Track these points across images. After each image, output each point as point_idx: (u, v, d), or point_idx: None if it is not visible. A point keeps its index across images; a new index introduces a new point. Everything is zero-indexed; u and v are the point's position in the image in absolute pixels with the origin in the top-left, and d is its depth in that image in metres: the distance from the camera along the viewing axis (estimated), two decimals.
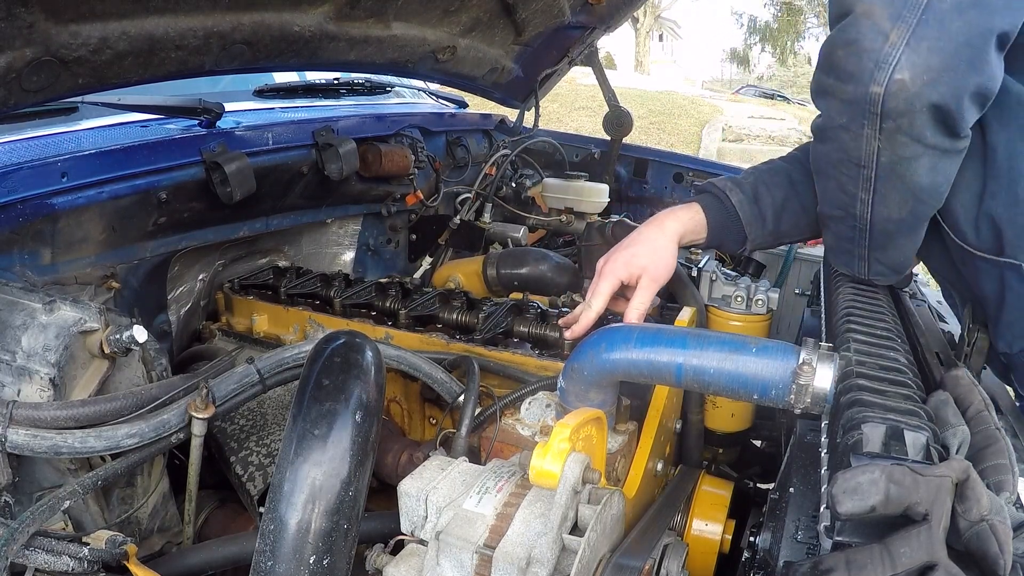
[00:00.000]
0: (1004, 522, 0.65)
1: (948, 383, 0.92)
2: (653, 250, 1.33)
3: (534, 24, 2.14)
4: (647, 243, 1.34)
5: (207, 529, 1.35)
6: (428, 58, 2.01)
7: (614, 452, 1.16)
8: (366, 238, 2.23)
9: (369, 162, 2.02)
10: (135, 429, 1.04)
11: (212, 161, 1.57)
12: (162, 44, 1.33)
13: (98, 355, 1.08)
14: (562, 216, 2.47)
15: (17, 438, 0.97)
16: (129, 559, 0.94)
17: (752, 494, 1.62)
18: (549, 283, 1.88)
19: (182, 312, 1.74)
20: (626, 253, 1.34)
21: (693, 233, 1.38)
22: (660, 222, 1.37)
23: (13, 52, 1.12)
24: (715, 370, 0.96)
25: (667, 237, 1.34)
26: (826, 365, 0.91)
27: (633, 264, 1.32)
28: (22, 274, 1.30)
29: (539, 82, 2.56)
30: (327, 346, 1.01)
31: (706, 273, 1.69)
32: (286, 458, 0.89)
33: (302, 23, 1.56)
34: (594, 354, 1.06)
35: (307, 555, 0.84)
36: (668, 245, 1.34)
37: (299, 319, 1.64)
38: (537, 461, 0.80)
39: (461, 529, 0.82)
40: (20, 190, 1.28)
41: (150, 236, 1.56)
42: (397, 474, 1.27)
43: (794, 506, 0.94)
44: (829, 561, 0.69)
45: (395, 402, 1.48)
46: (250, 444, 1.37)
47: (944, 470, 0.67)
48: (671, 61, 35.14)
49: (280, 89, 2.25)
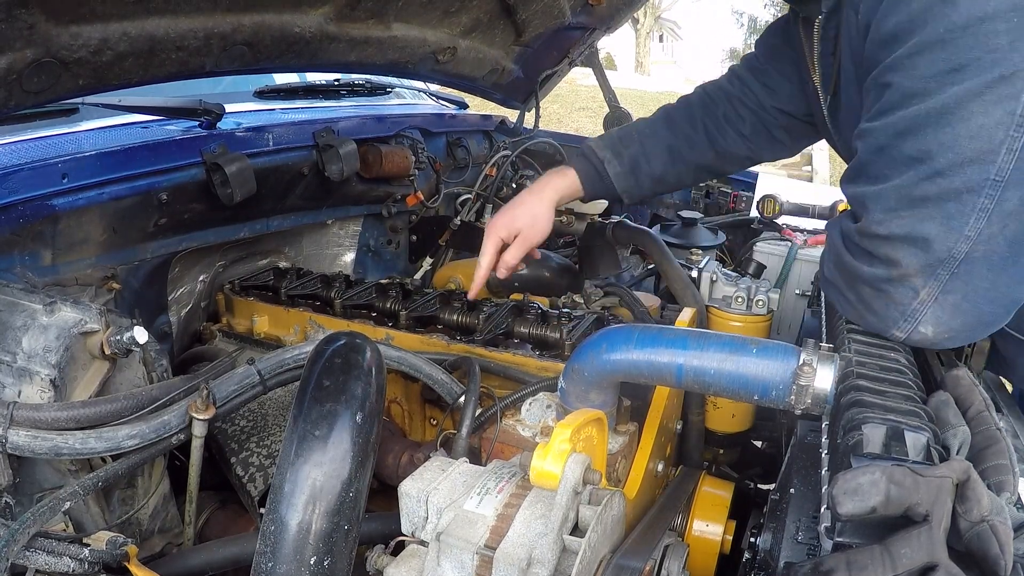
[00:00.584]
0: (1005, 522, 0.65)
1: (948, 383, 0.92)
2: (531, 215, 1.56)
3: (534, 25, 2.14)
4: (526, 208, 1.57)
5: (208, 530, 1.35)
6: (428, 59, 2.02)
7: (615, 453, 1.16)
8: (367, 239, 2.23)
9: (370, 163, 2.02)
10: (136, 430, 1.04)
11: (213, 162, 1.57)
12: (163, 45, 1.33)
13: (99, 356, 1.08)
14: (562, 217, 2.47)
15: (18, 439, 0.97)
16: (130, 560, 0.94)
17: (753, 495, 1.62)
18: (549, 284, 1.88)
19: (183, 313, 1.74)
20: (507, 216, 1.56)
21: (569, 196, 1.63)
22: (540, 189, 1.60)
23: (13, 53, 1.12)
24: (715, 371, 0.96)
25: (544, 204, 1.58)
26: (826, 366, 0.91)
27: (512, 226, 1.55)
28: (23, 275, 1.30)
29: (539, 83, 2.55)
30: (328, 347, 1.01)
31: (706, 274, 1.69)
32: (287, 459, 0.89)
33: (302, 24, 1.56)
34: (595, 355, 1.06)
35: (308, 556, 0.84)
36: (544, 212, 1.57)
37: (300, 320, 1.64)
38: (538, 462, 0.80)
39: (462, 530, 0.82)
40: (21, 191, 1.28)
41: (151, 237, 1.56)
42: (398, 475, 1.27)
43: (795, 507, 0.93)
44: (830, 562, 0.69)
45: (396, 403, 1.48)
46: (251, 445, 1.37)
47: (945, 471, 0.67)
48: (671, 62, 35.10)
49: (281, 90, 2.25)
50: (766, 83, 1.56)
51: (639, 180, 1.62)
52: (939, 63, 0.90)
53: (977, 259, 0.91)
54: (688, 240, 2.23)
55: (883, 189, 0.97)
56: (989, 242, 0.90)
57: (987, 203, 0.88)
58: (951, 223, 0.90)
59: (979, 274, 0.91)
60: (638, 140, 1.63)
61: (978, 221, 0.89)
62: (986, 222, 0.89)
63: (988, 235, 0.89)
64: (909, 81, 0.94)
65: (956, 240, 0.90)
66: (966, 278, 0.92)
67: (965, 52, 0.88)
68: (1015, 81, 0.86)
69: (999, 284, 0.92)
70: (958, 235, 0.90)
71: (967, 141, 0.88)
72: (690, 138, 1.61)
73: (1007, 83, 0.86)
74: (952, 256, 0.91)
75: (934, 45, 0.91)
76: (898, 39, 0.95)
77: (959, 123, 0.89)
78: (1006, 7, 0.86)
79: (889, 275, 0.96)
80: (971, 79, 0.88)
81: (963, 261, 0.91)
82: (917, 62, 0.93)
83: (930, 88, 0.91)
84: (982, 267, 0.91)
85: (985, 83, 0.87)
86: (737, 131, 1.60)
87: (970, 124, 0.88)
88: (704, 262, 1.75)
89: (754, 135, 1.61)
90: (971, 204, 0.89)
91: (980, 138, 0.87)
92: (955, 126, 0.89)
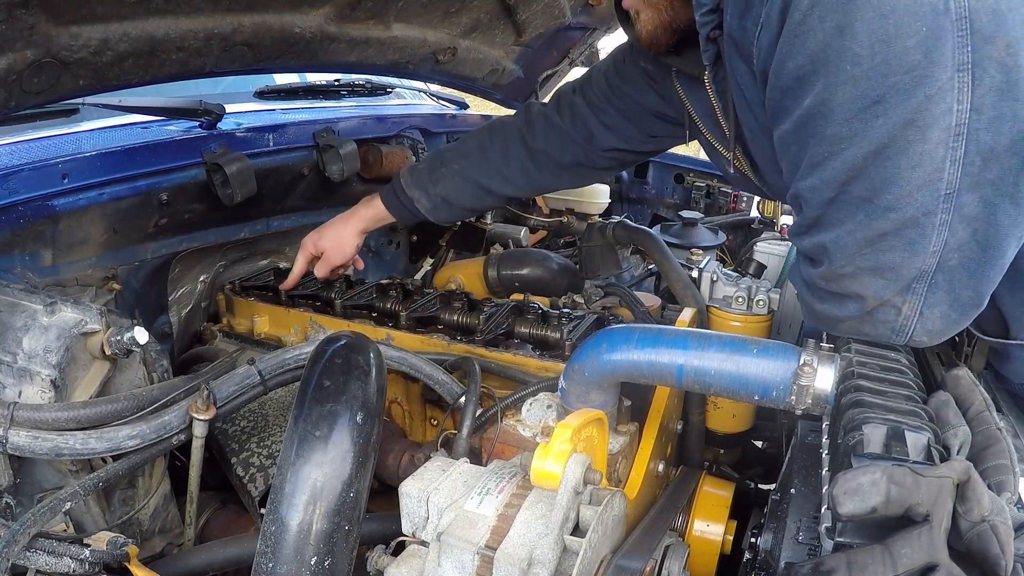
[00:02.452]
0: (1005, 522, 0.65)
1: (949, 383, 0.92)
2: (336, 238, 1.70)
3: (535, 25, 2.14)
4: (333, 231, 1.71)
5: (208, 530, 1.35)
6: (429, 59, 2.02)
7: (615, 453, 1.16)
8: (367, 239, 2.23)
9: (370, 163, 2.03)
10: (136, 431, 1.04)
11: (213, 163, 1.57)
12: (163, 46, 1.33)
13: (99, 357, 1.08)
14: (563, 217, 2.47)
15: (18, 440, 0.97)
16: (130, 560, 0.94)
17: (753, 495, 1.62)
18: (550, 284, 1.88)
19: (183, 313, 1.74)
20: (315, 236, 1.71)
21: (379, 223, 1.75)
22: (348, 217, 1.73)
23: (14, 54, 1.12)
24: (716, 371, 0.96)
25: (348, 230, 1.71)
26: (827, 366, 0.91)
27: (318, 245, 1.70)
28: (23, 276, 1.30)
29: (540, 83, 2.56)
30: (328, 347, 1.01)
31: (707, 274, 1.69)
32: (287, 459, 0.89)
33: (303, 24, 1.56)
34: (595, 355, 1.06)
35: (308, 556, 0.84)
36: (349, 237, 1.71)
37: (300, 320, 1.64)
38: (538, 462, 0.80)
39: (462, 530, 0.82)
40: (21, 191, 1.28)
41: (151, 238, 1.56)
42: (398, 475, 1.27)
43: (795, 507, 0.93)
44: (830, 562, 0.69)
45: (396, 403, 1.48)
46: (251, 445, 1.37)
47: (945, 471, 0.67)
48: None
49: (281, 90, 2.25)
50: (604, 122, 1.56)
51: (451, 211, 1.71)
52: (856, 101, 0.86)
53: (953, 267, 0.89)
54: (688, 240, 2.24)
55: (841, 234, 0.94)
56: (961, 249, 0.88)
57: (944, 216, 0.86)
58: (914, 247, 0.88)
59: (960, 281, 0.90)
60: (448, 177, 1.65)
61: (940, 235, 0.87)
62: (949, 232, 0.87)
63: (958, 243, 0.87)
64: (832, 128, 0.89)
65: (923, 259, 0.88)
66: (947, 287, 0.90)
67: (880, 82, 0.83)
68: (943, 96, 0.81)
69: (981, 285, 0.91)
70: (924, 254, 0.88)
71: (910, 172, 0.85)
72: (503, 174, 1.64)
73: (935, 101, 0.82)
74: (923, 272, 0.89)
75: (844, 84, 0.86)
76: (804, 83, 0.90)
77: (898, 155, 0.85)
78: (908, 19, 0.80)
79: (864, 308, 0.95)
80: (895, 107, 0.83)
81: (937, 271, 0.89)
82: (832, 106, 0.88)
83: (856, 129, 0.87)
84: (961, 274, 0.89)
85: (912, 108, 0.83)
86: (556, 164, 1.62)
87: (909, 154, 0.84)
88: (704, 262, 1.75)
89: (575, 166, 1.63)
90: (930, 224, 0.86)
91: (923, 164, 0.84)
92: (895, 159, 0.85)
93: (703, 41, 1.12)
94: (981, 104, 0.82)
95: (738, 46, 1.05)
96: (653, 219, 2.86)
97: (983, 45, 0.80)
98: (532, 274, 1.89)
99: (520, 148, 1.63)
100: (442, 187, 1.65)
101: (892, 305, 0.93)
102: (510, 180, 1.64)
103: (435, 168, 1.67)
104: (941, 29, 0.80)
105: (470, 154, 1.66)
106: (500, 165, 1.63)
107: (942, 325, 0.93)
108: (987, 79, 0.81)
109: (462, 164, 1.65)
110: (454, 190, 1.65)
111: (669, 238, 2.20)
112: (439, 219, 1.72)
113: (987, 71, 0.81)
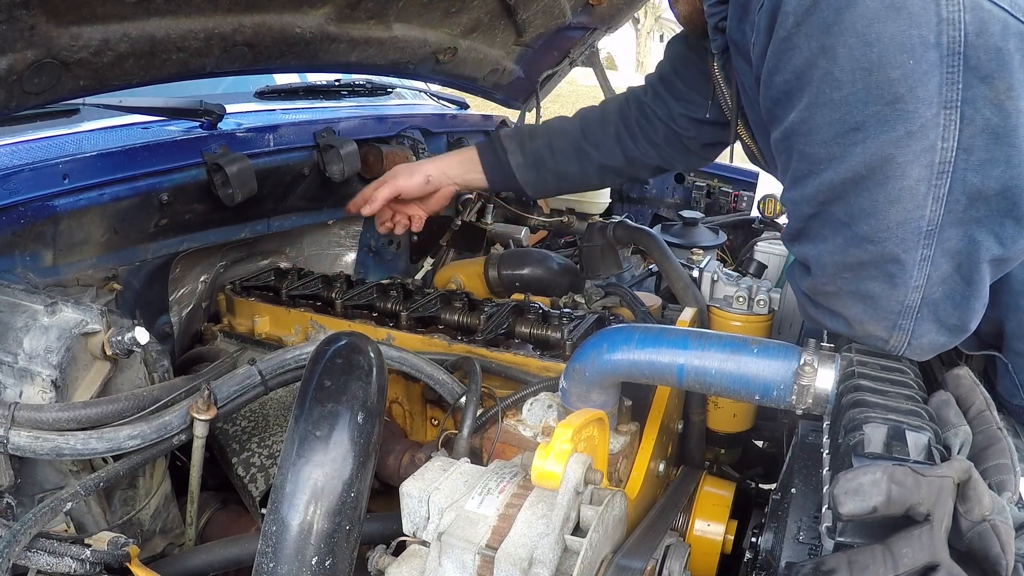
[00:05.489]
0: (1006, 522, 0.65)
1: (949, 383, 0.92)
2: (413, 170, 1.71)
3: (535, 25, 2.14)
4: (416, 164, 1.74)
5: (209, 531, 1.35)
6: (429, 59, 2.02)
7: (616, 453, 1.16)
8: (368, 239, 2.23)
9: (371, 163, 2.02)
10: (137, 431, 1.04)
11: (213, 163, 1.57)
12: (163, 46, 1.33)
13: (100, 357, 1.08)
14: (564, 217, 2.47)
15: (19, 440, 0.97)
16: (131, 561, 0.94)
17: (754, 495, 1.62)
18: (550, 284, 1.88)
19: (184, 314, 1.74)
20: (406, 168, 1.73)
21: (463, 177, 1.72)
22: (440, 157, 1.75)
23: (14, 54, 1.12)
24: (717, 371, 0.96)
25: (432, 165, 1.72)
26: (827, 366, 0.91)
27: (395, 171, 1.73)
28: (24, 276, 1.30)
29: (540, 83, 2.56)
30: (329, 347, 1.01)
31: (707, 274, 1.69)
32: (288, 459, 0.89)
33: (303, 24, 1.56)
34: (596, 355, 1.06)
35: (309, 556, 0.84)
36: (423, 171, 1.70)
37: (301, 320, 1.64)
38: (539, 462, 0.80)
39: (463, 530, 0.82)
40: (22, 192, 1.28)
41: (151, 238, 1.56)
42: (399, 475, 1.27)
43: (796, 507, 0.93)
44: (831, 562, 0.69)
45: (397, 403, 1.48)
46: (252, 445, 1.37)
47: (946, 470, 0.67)
48: None
49: (281, 91, 2.25)
50: (674, 92, 1.57)
51: (541, 174, 1.67)
52: (835, 124, 0.84)
53: (938, 300, 0.88)
54: (689, 240, 2.24)
55: (822, 251, 0.94)
56: (945, 283, 0.87)
57: (926, 252, 0.85)
58: (895, 280, 0.87)
59: (945, 311, 0.89)
60: (546, 136, 1.66)
61: (922, 270, 0.86)
62: (931, 267, 0.86)
63: (941, 276, 0.86)
64: (812, 147, 0.88)
65: (905, 293, 0.88)
66: (933, 318, 0.90)
67: (860, 109, 0.81)
68: (926, 133, 0.79)
69: (966, 315, 0.90)
70: (905, 289, 0.87)
71: (887, 207, 0.83)
72: (600, 141, 1.63)
73: (916, 138, 0.79)
74: (907, 307, 0.89)
75: (824, 106, 0.84)
76: (790, 97, 0.89)
77: (876, 188, 0.83)
78: (893, 50, 0.78)
79: (851, 329, 0.96)
80: (874, 137, 0.81)
81: (923, 306, 0.88)
82: (813, 126, 0.87)
83: (834, 152, 0.85)
84: (947, 305, 0.89)
85: (892, 142, 0.80)
86: (648, 139, 1.62)
87: (888, 189, 0.83)
88: (705, 262, 1.75)
89: (666, 144, 1.62)
90: (911, 260, 0.85)
91: (902, 200, 0.82)
92: (872, 191, 0.84)
93: (712, 31, 1.13)
94: (971, 145, 0.79)
95: (738, 47, 1.06)
96: (654, 219, 2.86)
97: (977, 83, 0.78)
98: (533, 274, 1.89)
99: (616, 117, 1.65)
100: (539, 143, 1.66)
101: (877, 336, 0.94)
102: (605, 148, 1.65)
103: (537, 128, 1.71)
104: (928, 63, 0.77)
105: (572, 119, 1.69)
106: (599, 133, 1.64)
107: (931, 348, 0.94)
108: (979, 119, 0.79)
109: (564, 126, 1.69)
110: (549, 148, 1.65)
111: (670, 238, 2.20)
112: (528, 181, 1.68)
113: (980, 111, 0.78)
